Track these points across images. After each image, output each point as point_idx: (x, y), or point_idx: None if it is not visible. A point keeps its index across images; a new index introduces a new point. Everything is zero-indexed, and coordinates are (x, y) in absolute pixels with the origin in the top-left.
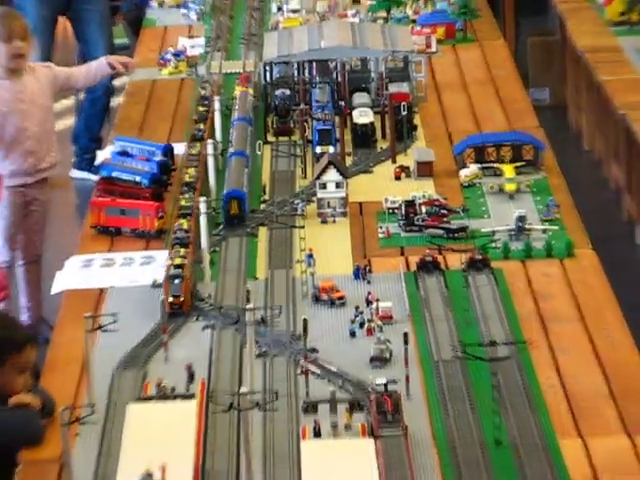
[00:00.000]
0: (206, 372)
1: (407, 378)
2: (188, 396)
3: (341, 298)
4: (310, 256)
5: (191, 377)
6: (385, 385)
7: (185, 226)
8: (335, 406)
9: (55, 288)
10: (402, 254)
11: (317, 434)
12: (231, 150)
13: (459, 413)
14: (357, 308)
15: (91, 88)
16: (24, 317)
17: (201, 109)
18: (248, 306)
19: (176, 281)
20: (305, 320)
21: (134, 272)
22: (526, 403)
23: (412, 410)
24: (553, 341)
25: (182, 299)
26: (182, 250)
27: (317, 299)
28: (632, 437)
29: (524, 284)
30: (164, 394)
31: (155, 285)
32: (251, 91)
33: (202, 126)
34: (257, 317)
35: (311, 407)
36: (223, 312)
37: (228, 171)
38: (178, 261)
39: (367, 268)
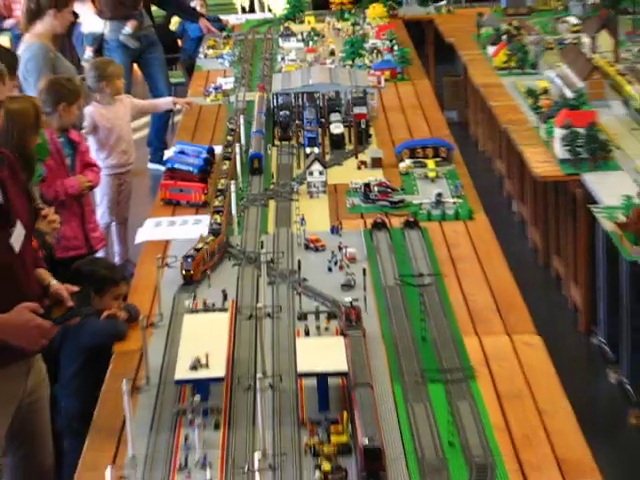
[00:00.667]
0: (235, 294)
1: (365, 298)
2: (223, 309)
3: (322, 246)
4: (302, 219)
5: (225, 297)
6: (351, 302)
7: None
8: (319, 316)
9: (137, 239)
10: (362, 218)
11: (307, 334)
12: (251, 151)
13: (398, 319)
14: (332, 253)
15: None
16: (117, 259)
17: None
18: (262, 251)
19: (189, 260)
20: (299, 260)
21: (188, 229)
22: (442, 313)
23: (368, 319)
24: (459, 274)
25: (192, 272)
26: (218, 217)
27: (307, 247)
28: (510, 336)
29: (441, 237)
30: (207, 308)
31: (202, 239)
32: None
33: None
34: (268, 258)
35: (303, 316)
36: (246, 255)
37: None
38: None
39: (339, 227)
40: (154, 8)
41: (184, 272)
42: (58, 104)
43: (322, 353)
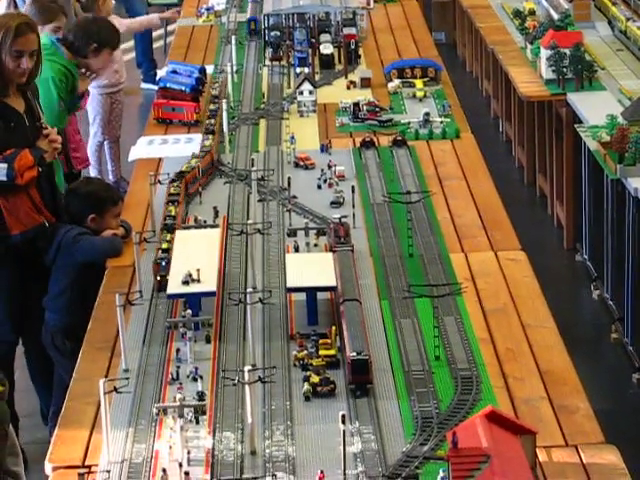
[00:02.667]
0: (226, 211)
1: (353, 215)
2: (214, 226)
3: (312, 164)
4: (292, 137)
5: (216, 214)
6: (339, 219)
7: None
8: (308, 232)
9: (130, 157)
10: (351, 136)
11: (296, 250)
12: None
13: (386, 236)
14: (322, 170)
15: None
16: (110, 177)
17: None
18: (253, 169)
19: (163, 263)
20: (289, 178)
21: (180, 147)
22: (429, 230)
23: (357, 235)
24: (446, 192)
25: (167, 277)
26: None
27: (297, 165)
28: (495, 252)
29: (428, 156)
30: (199, 224)
31: (193, 156)
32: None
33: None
34: (258, 176)
35: (292, 232)
36: (237, 173)
37: None
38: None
39: (329, 145)
40: None
41: (159, 277)
42: (44, 25)
43: (311, 268)
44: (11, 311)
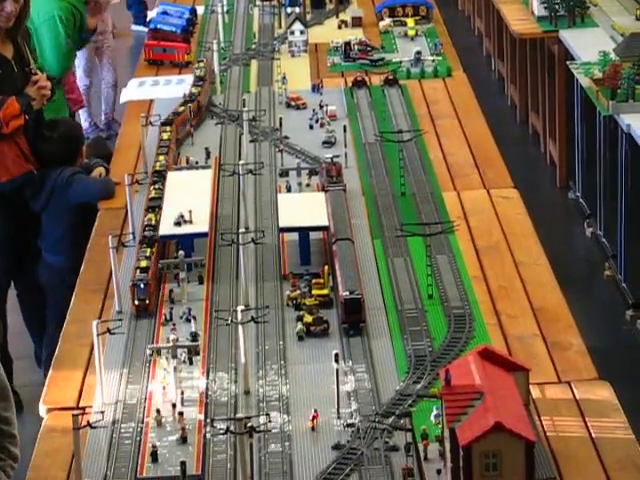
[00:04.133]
0: (218, 151)
1: (345, 155)
2: (206, 167)
3: (304, 104)
4: (284, 78)
5: (208, 155)
6: (331, 158)
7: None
8: (300, 172)
9: (122, 99)
10: (342, 76)
11: (288, 190)
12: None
13: (378, 175)
14: (314, 110)
15: None
16: (102, 118)
17: None
18: (244, 109)
19: (141, 285)
20: (280, 118)
21: (172, 89)
22: (421, 169)
23: (349, 175)
24: (438, 131)
25: (147, 302)
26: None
27: (288, 105)
28: (488, 190)
29: (420, 95)
30: (191, 166)
31: (184, 97)
32: None
33: None
34: (250, 116)
35: (285, 173)
36: (229, 113)
37: None
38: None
39: (320, 85)
40: None
41: (137, 301)
42: None
43: (303, 208)
44: (2, 257)
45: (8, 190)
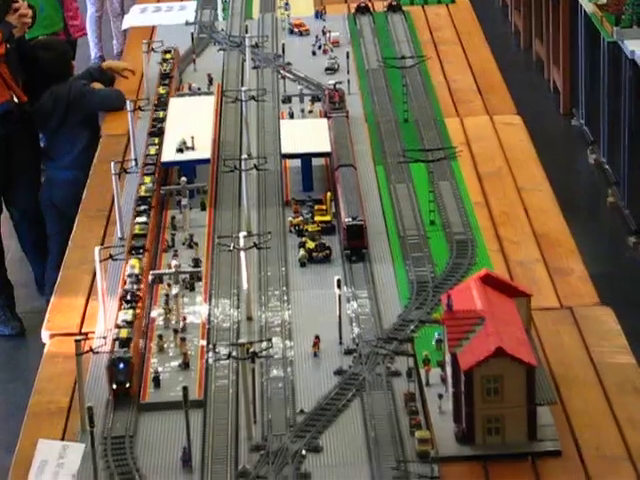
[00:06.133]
0: (220, 78)
1: (348, 81)
2: (209, 93)
3: (306, 31)
4: (287, 4)
5: (210, 81)
6: (334, 85)
7: None
8: (303, 99)
9: (124, 25)
10: (345, 2)
11: (291, 116)
12: None
13: (381, 102)
14: (317, 37)
15: None
16: (115, 51)
17: None
18: (247, 35)
19: (121, 365)
20: (283, 44)
21: (174, 15)
22: (424, 95)
23: (352, 101)
24: (441, 57)
25: (128, 385)
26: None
27: (291, 31)
28: (491, 116)
29: (423, 21)
30: (194, 92)
31: (187, 23)
32: None
33: None
34: (252, 42)
35: (287, 99)
36: (231, 40)
37: None
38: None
39: (323, 11)
40: None
41: (115, 386)
42: None
43: (306, 134)
44: None
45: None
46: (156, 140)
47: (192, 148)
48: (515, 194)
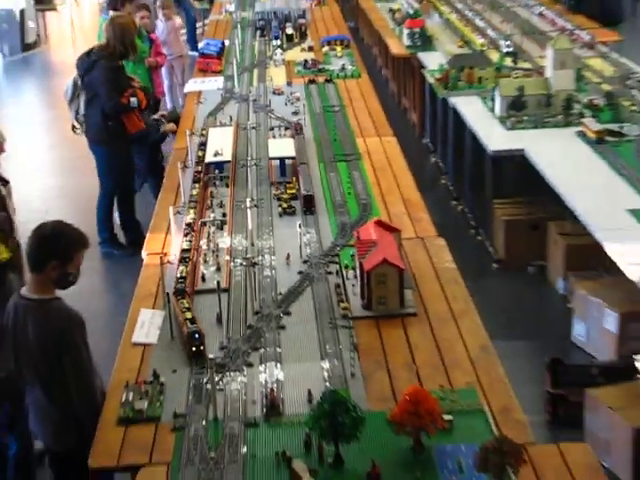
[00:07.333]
0: (236, 117)
1: (304, 119)
2: (230, 125)
3: (282, 92)
4: (271, 78)
5: (230, 119)
6: (297, 121)
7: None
8: (280, 128)
9: (185, 90)
10: (303, 77)
11: (274, 137)
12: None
13: (322, 130)
14: (287, 95)
15: None
16: (180, 101)
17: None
18: (250, 94)
19: (196, 336)
20: (270, 100)
21: (211, 84)
22: (344, 126)
23: (306, 130)
24: (353, 105)
25: (201, 348)
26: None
27: (274, 92)
28: (380, 137)
29: (344, 87)
30: (222, 124)
31: (218, 89)
32: None
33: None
34: (253, 98)
35: (272, 128)
36: (242, 97)
37: None
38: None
39: (291, 82)
40: None
41: (194, 348)
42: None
43: (282, 146)
44: (129, 173)
45: (136, 137)
46: (202, 150)
47: (221, 154)
48: (393, 178)
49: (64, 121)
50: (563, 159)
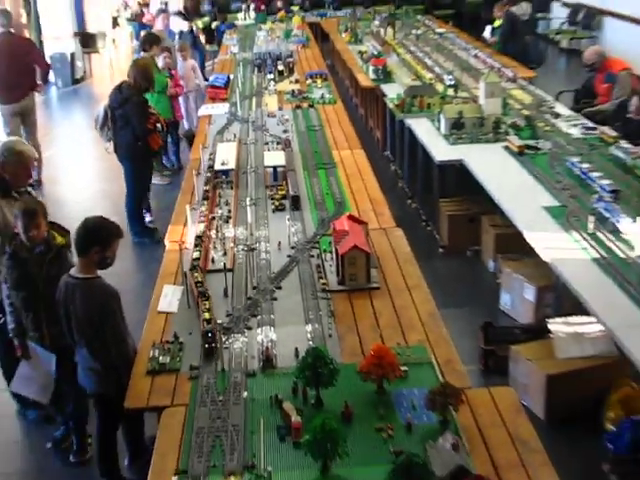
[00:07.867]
0: (239, 134)
1: (292, 136)
2: (234, 141)
3: (274, 115)
4: (266, 104)
5: (234, 136)
6: (287, 137)
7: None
8: (273, 142)
9: (199, 114)
10: (291, 104)
11: (269, 150)
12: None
13: (306, 145)
14: (279, 118)
15: None
16: (194, 123)
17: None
18: (250, 117)
19: (209, 334)
20: (265, 121)
21: (220, 109)
22: (323, 141)
23: (294, 144)
24: (330, 125)
25: (214, 345)
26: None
27: (268, 115)
28: (351, 150)
29: (323, 111)
30: (227, 140)
31: (225, 113)
32: None
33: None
34: (252, 120)
35: (267, 143)
36: (243, 119)
37: None
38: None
39: (282, 107)
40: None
41: (207, 345)
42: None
43: (274, 157)
44: (145, 181)
45: (158, 152)
46: (212, 160)
47: (227, 164)
48: (361, 182)
49: None
50: (493, 167)
